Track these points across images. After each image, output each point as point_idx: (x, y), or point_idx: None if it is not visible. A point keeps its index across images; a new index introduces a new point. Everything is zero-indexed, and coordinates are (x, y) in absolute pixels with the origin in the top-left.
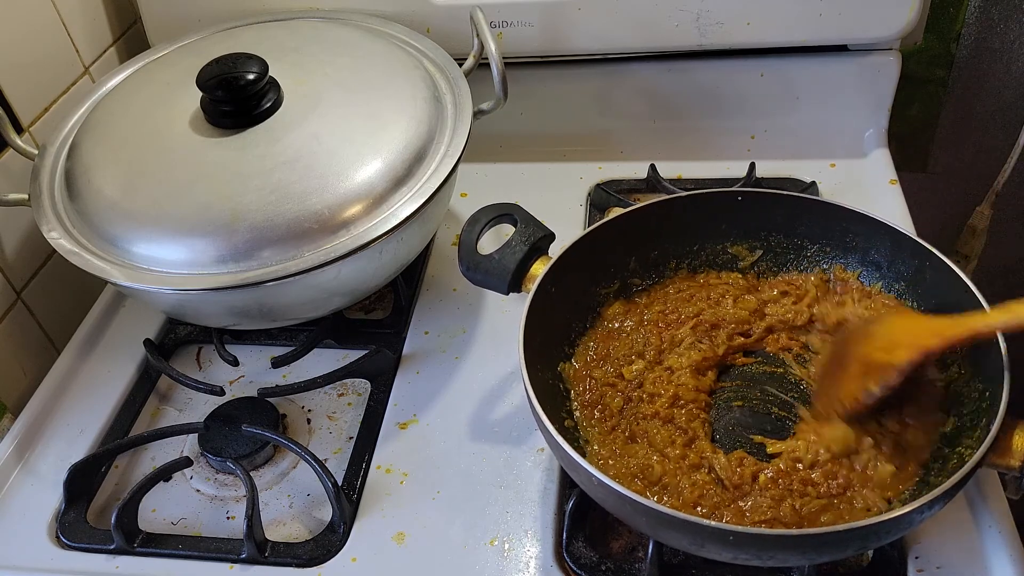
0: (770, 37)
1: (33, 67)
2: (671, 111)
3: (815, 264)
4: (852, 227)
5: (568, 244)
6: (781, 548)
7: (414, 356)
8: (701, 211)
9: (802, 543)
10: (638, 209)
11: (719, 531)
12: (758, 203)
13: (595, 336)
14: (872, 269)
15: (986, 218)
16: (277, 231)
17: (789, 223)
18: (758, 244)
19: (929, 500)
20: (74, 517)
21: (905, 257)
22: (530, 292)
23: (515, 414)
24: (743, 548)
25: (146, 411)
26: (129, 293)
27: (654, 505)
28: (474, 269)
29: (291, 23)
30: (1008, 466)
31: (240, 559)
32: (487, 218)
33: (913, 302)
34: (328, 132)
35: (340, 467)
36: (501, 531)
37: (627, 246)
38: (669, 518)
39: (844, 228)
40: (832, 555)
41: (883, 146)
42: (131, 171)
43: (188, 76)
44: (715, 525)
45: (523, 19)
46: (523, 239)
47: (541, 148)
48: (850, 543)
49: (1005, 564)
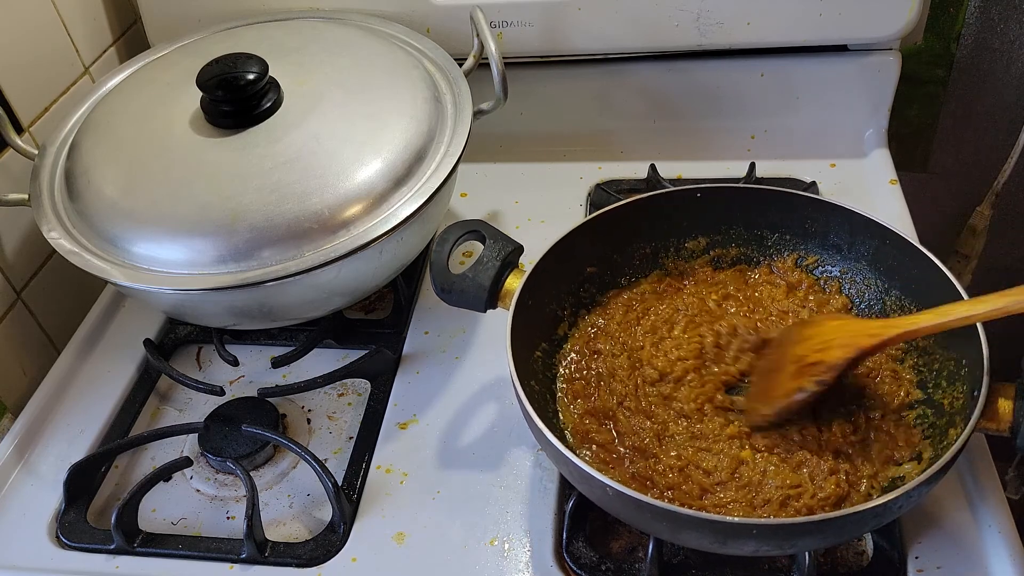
0: (770, 37)
1: (33, 67)
2: (671, 111)
3: (778, 253)
4: (809, 213)
5: (539, 257)
6: (802, 535)
7: (414, 356)
8: (661, 210)
9: (823, 528)
10: (600, 215)
11: (743, 526)
12: (717, 198)
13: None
14: (833, 252)
15: (986, 218)
16: (277, 231)
17: (748, 215)
18: (719, 237)
19: (931, 474)
20: (74, 517)
21: (864, 237)
22: (509, 309)
23: (515, 414)
24: (766, 540)
25: (146, 411)
26: (129, 293)
27: (675, 508)
28: (449, 290)
29: (291, 23)
30: (998, 430)
31: (240, 559)
32: (455, 237)
33: (879, 281)
34: (328, 132)
35: (340, 467)
36: (501, 531)
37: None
38: (690, 519)
39: (802, 215)
40: (851, 535)
41: (883, 146)
42: (131, 171)
43: (188, 76)
44: (739, 521)
45: (523, 19)
46: (494, 255)
47: (541, 148)
48: (867, 522)
49: (1005, 564)
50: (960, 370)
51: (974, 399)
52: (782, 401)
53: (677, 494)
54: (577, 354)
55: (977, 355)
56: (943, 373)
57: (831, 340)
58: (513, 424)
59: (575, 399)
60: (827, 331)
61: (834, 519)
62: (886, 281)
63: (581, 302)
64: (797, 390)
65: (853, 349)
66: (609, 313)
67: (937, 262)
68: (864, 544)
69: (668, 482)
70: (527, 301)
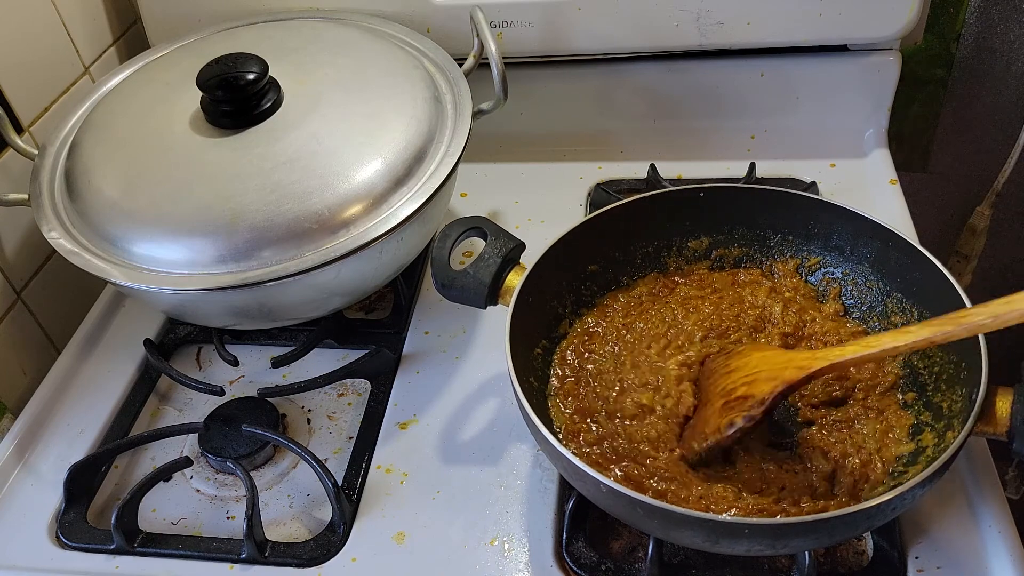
0: (770, 37)
1: (33, 67)
2: (671, 111)
3: (780, 254)
4: (812, 214)
5: (540, 254)
6: (794, 535)
7: (414, 356)
8: (664, 209)
9: (815, 528)
10: (603, 214)
11: (734, 525)
12: (719, 198)
13: (573, 341)
14: (836, 254)
15: (986, 218)
16: (277, 231)
17: (750, 215)
18: (722, 237)
19: (925, 477)
20: (74, 517)
21: (867, 239)
22: (509, 305)
23: (515, 414)
24: (758, 539)
25: (146, 411)
26: (129, 293)
27: (666, 506)
28: (449, 286)
29: (291, 23)
30: (995, 433)
31: (240, 559)
32: (457, 233)
33: (880, 283)
34: (328, 132)
35: (340, 467)
36: (501, 531)
37: (594, 251)
38: (682, 517)
39: (804, 216)
40: (843, 536)
41: (883, 146)
42: (131, 171)
43: (188, 76)
44: (730, 520)
45: (523, 19)
46: (495, 251)
47: (541, 148)
48: (859, 523)
49: (1005, 564)
50: (959, 373)
51: (972, 402)
52: (714, 437)
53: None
54: (573, 352)
55: (977, 359)
56: (943, 376)
57: (757, 373)
58: (513, 424)
59: (567, 397)
60: (753, 363)
61: (826, 520)
62: (888, 284)
63: (582, 300)
64: (728, 425)
65: (780, 383)
66: (606, 314)
67: (939, 265)
68: (864, 544)
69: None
70: (528, 298)
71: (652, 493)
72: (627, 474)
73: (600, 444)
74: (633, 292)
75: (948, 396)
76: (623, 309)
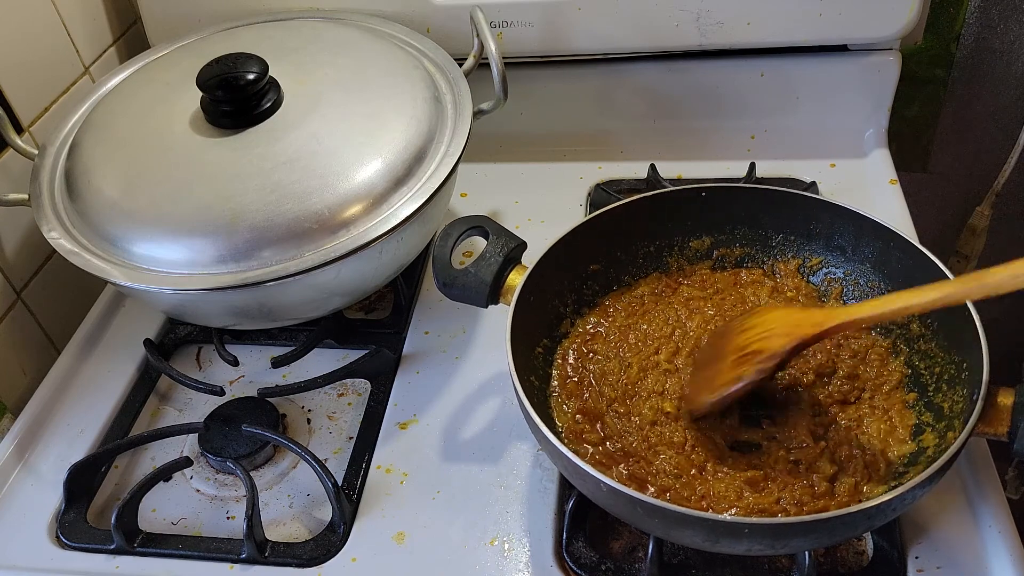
0: (770, 37)
1: (33, 67)
2: (671, 111)
3: (782, 254)
4: (814, 214)
5: (541, 254)
6: (794, 535)
7: (414, 356)
8: (666, 209)
9: (815, 528)
10: (604, 213)
11: (734, 525)
12: (721, 198)
13: (575, 341)
14: (837, 254)
15: (986, 218)
16: (277, 231)
17: (752, 215)
18: (724, 237)
19: (926, 477)
20: (74, 517)
21: (869, 239)
22: (511, 305)
23: (515, 413)
24: (758, 539)
25: (146, 411)
26: (129, 293)
27: (667, 505)
28: (451, 284)
29: (291, 23)
30: (996, 434)
31: (240, 559)
32: (458, 232)
33: (882, 283)
34: (328, 132)
35: (340, 467)
36: (501, 531)
37: (595, 250)
38: (682, 516)
39: (806, 216)
40: (843, 536)
41: (883, 146)
42: (131, 171)
43: (188, 76)
44: (730, 519)
45: (523, 19)
46: (497, 250)
47: (541, 148)
48: (859, 524)
49: (1005, 564)
50: (961, 374)
51: (973, 403)
52: (724, 389)
53: (675, 496)
54: (574, 352)
55: (978, 359)
56: (944, 377)
57: (773, 329)
58: (513, 424)
59: (568, 398)
60: (769, 320)
61: (826, 520)
62: (889, 284)
63: (584, 299)
64: (737, 379)
65: (795, 338)
66: (607, 314)
67: (941, 265)
68: (864, 544)
69: (663, 484)
70: (529, 297)
71: (655, 491)
72: (632, 473)
73: (603, 444)
74: (635, 292)
75: (949, 396)
76: (625, 309)
